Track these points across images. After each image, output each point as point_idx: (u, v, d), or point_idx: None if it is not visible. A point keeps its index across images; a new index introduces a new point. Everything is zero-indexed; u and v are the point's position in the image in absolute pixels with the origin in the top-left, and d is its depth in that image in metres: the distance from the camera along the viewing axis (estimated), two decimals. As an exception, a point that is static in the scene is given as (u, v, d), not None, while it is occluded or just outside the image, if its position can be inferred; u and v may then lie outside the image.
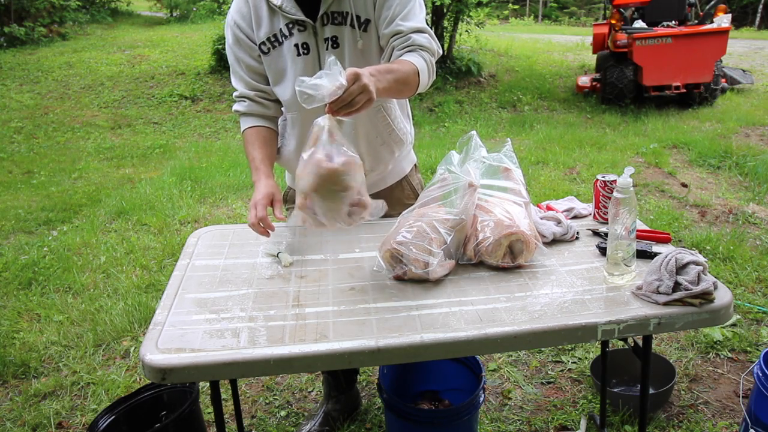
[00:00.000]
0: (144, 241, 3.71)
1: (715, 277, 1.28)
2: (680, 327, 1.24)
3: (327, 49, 1.52)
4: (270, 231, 1.48)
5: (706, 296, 1.23)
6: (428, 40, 1.51)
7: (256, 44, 1.56)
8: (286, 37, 1.52)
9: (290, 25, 1.51)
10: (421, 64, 1.47)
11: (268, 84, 1.63)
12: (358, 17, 1.50)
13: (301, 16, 1.49)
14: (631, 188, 1.29)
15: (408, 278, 1.36)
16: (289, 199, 1.86)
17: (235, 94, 1.65)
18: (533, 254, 1.42)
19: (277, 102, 1.66)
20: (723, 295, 1.25)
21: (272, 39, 1.53)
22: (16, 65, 9.42)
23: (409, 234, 1.36)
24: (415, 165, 1.88)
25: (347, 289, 1.35)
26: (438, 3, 7.71)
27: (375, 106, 1.59)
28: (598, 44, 8.09)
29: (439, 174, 1.51)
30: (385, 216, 1.74)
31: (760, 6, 20.36)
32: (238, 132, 7.40)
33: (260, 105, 1.63)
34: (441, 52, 1.58)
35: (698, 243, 3.37)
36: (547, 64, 10.22)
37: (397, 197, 1.79)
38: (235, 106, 1.66)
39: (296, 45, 1.52)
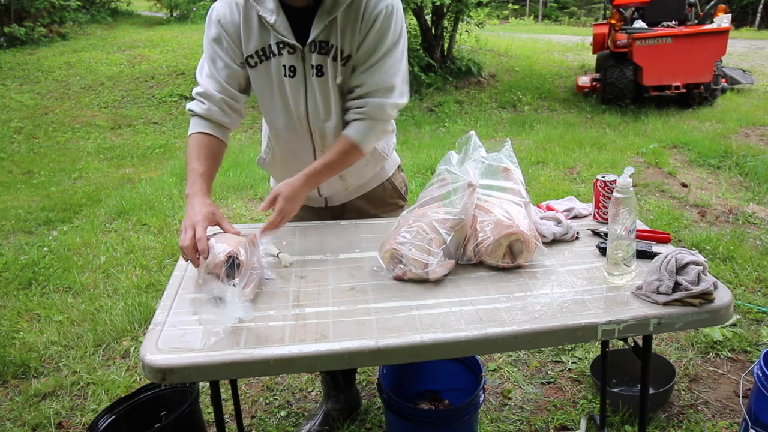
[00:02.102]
0: (144, 241, 3.71)
1: (715, 277, 1.28)
2: (680, 327, 1.24)
3: (313, 76, 1.49)
4: (203, 258, 1.27)
5: (706, 296, 1.23)
6: (382, 107, 1.49)
7: (241, 54, 1.50)
8: (274, 54, 1.48)
9: (280, 45, 1.47)
10: (365, 137, 1.50)
11: (241, 92, 1.56)
12: (341, 51, 1.46)
13: (291, 40, 1.45)
14: (631, 188, 1.29)
15: (408, 278, 1.36)
16: None
17: (196, 90, 1.53)
18: (533, 254, 1.42)
19: (238, 113, 1.58)
20: (723, 295, 1.25)
21: (260, 53, 1.49)
22: (16, 65, 9.41)
23: (409, 234, 1.36)
24: (398, 166, 1.87)
25: (347, 289, 1.35)
26: (438, 3, 7.71)
27: None
28: (598, 44, 8.09)
29: (438, 174, 1.51)
30: (370, 215, 1.77)
31: (760, 6, 20.36)
32: (239, 132, 7.42)
33: (221, 112, 1.52)
34: (405, 102, 1.54)
35: (698, 243, 3.37)
36: (547, 64, 10.22)
37: (380, 197, 1.81)
38: (192, 105, 1.53)
39: (284, 66, 1.49)
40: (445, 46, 8.70)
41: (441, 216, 1.40)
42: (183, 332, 1.18)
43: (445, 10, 8.23)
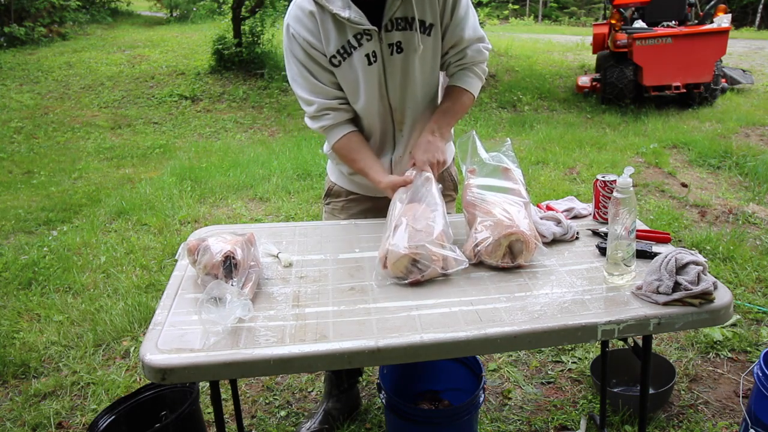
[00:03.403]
0: (144, 241, 3.71)
1: (715, 277, 1.28)
2: (680, 327, 1.24)
3: (392, 54, 1.55)
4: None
5: (706, 296, 1.23)
6: (480, 51, 1.66)
7: (327, 57, 1.55)
8: (354, 48, 1.53)
9: (358, 36, 1.52)
10: (476, 84, 1.68)
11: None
12: (422, 22, 1.54)
13: (368, 25, 1.49)
14: (631, 188, 1.29)
15: (426, 280, 1.35)
16: (333, 194, 1.87)
17: (311, 109, 1.60)
18: (533, 254, 1.42)
19: None
20: (723, 295, 1.25)
21: (341, 51, 1.54)
22: (16, 65, 9.42)
23: (417, 236, 1.35)
24: (453, 158, 1.92)
25: (347, 289, 1.35)
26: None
27: (435, 105, 1.70)
28: (598, 44, 8.08)
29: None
30: None
31: (760, 6, 20.35)
32: (239, 132, 7.43)
33: (345, 111, 1.62)
34: (490, 47, 1.70)
35: (698, 243, 3.37)
36: (547, 64, 10.22)
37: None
38: (320, 122, 1.62)
39: (366, 55, 1.53)
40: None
41: (428, 212, 1.41)
42: (183, 332, 1.18)
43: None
